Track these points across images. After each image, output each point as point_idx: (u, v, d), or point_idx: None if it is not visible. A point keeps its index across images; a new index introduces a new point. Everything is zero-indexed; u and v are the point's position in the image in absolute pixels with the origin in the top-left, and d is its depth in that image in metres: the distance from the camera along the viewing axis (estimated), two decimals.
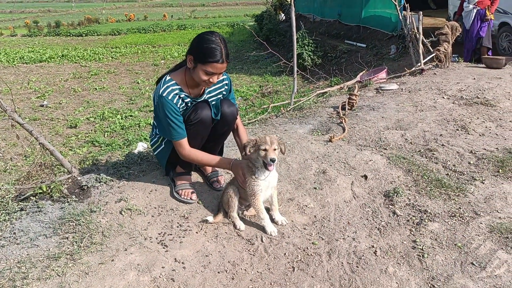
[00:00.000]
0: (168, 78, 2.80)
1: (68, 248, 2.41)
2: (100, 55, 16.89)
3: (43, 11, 46.04)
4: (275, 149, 2.56)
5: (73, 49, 18.86)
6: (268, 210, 2.79)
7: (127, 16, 34.10)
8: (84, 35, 25.17)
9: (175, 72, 2.87)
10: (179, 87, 2.78)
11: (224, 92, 3.04)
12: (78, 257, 2.34)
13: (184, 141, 2.80)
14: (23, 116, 3.11)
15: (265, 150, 2.54)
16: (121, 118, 8.32)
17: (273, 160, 2.54)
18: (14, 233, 2.52)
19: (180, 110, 2.79)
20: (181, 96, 2.78)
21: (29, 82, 12.08)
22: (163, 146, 3.02)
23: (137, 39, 21.85)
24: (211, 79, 2.70)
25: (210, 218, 2.73)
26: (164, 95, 2.71)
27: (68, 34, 25.72)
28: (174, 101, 2.73)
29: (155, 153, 3.15)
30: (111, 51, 17.87)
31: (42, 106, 9.47)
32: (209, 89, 2.94)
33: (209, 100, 2.94)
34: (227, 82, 3.02)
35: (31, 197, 2.92)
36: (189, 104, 2.85)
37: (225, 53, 2.64)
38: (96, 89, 11.14)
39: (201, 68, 2.64)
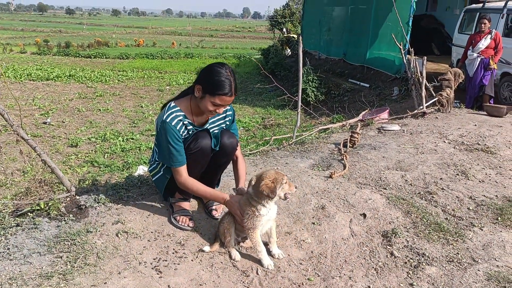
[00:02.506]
0: (173, 104, 2.83)
1: (61, 267, 2.38)
2: (107, 77, 17.10)
3: (54, 31, 46.92)
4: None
5: (80, 69, 19.12)
6: (265, 244, 2.76)
7: (136, 42, 34.69)
8: (92, 57, 25.54)
9: (180, 99, 2.91)
10: (183, 114, 2.81)
11: (228, 123, 3.07)
12: (71, 278, 2.30)
13: (183, 169, 2.80)
14: (26, 132, 3.13)
15: (286, 183, 2.59)
16: (122, 141, 8.36)
17: (296, 187, 2.71)
18: (8, 249, 2.49)
19: (182, 137, 2.82)
20: (185, 122, 2.81)
21: (34, 99, 12.19)
22: (161, 173, 3.02)
23: (144, 64, 22.17)
24: (217, 110, 2.75)
25: (206, 248, 2.70)
26: (167, 120, 2.73)
27: (77, 55, 26.05)
28: (177, 128, 2.76)
29: (153, 179, 3.14)
30: (118, 74, 18.10)
31: (45, 123, 9.54)
32: (212, 119, 2.98)
33: (211, 130, 2.97)
34: (230, 113, 3.06)
35: (28, 213, 2.89)
36: (190, 132, 2.87)
37: (234, 86, 2.69)
38: (100, 110, 11.23)
39: (209, 99, 2.69)
